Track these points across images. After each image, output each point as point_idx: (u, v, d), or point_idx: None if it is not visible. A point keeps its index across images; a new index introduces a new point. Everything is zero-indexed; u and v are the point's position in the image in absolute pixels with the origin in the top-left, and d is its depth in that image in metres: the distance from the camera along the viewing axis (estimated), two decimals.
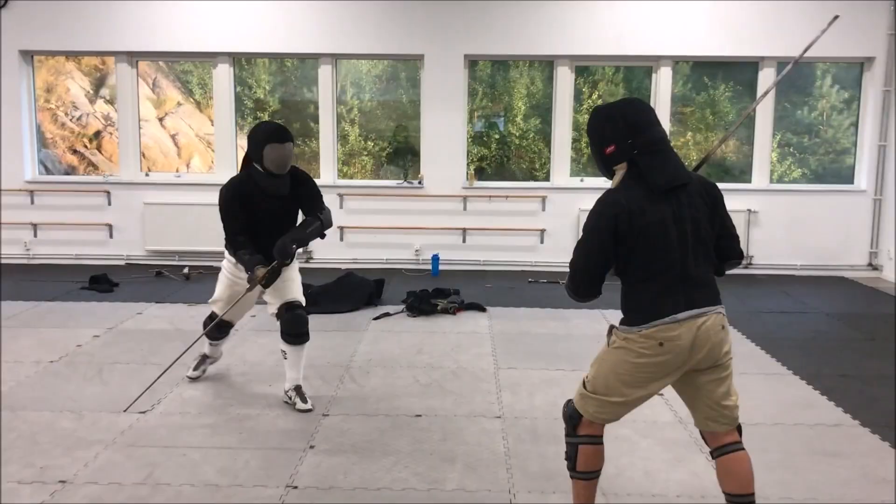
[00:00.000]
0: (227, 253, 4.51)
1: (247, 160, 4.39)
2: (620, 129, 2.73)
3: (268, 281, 4.24)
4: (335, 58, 8.83)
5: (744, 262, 8.65)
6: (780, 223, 8.74)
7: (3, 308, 6.69)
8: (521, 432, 4.09)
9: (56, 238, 8.97)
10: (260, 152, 4.23)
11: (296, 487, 3.44)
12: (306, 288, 6.91)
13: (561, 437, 3.97)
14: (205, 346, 4.88)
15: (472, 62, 8.90)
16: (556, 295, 7.53)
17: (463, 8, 8.54)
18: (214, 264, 8.63)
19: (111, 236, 8.96)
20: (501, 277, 8.41)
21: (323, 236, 4.52)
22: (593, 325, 6.33)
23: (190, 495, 3.35)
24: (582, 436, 2.89)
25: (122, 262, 8.87)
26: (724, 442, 2.81)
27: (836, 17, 3.53)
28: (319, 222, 4.40)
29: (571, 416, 2.91)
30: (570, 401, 2.97)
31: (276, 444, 3.91)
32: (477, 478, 3.55)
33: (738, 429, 2.85)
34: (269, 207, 4.32)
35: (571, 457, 2.92)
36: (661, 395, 4.63)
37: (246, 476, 3.54)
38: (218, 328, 4.71)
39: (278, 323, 4.45)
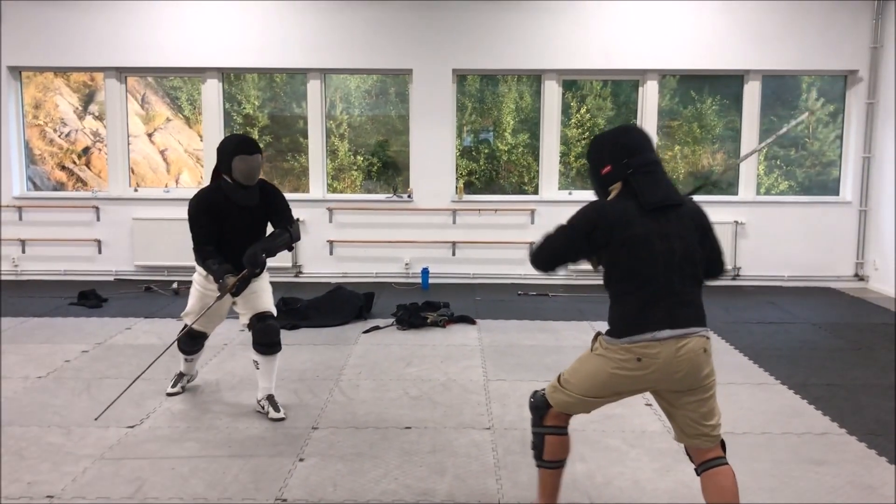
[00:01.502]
0: (197, 265, 4.54)
1: (216, 173, 4.44)
2: (617, 150, 2.86)
3: (238, 290, 4.29)
4: (324, 73, 8.87)
5: (731, 273, 8.75)
6: (767, 235, 8.81)
7: None
8: (510, 443, 4.10)
9: (44, 254, 8.94)
10: (229, 164, 4.29)
11: (285, 500, 3.43)
12: (296, 302, 6.97)
13: None
14: (181, 363, 4.89)
15: (460, 77, 8.96)
16: (546, 307, 7.55)
17: (451, 23, 8.61)
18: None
19: (100, 252, 8.94)
20: (491, 290, 8.43)
21: (291, 248, 4.54)
22: (582, 336, 6.35)
23: None
24: (549, 426, 2.99)
25: (111, 278, 8.85)
26: (707, 457, 2.84)
27: (810, 113, 3.95)
28: (288, 234, 4.44)
29: (539, 407, 3.00)
30: (537, 392, 3.06)
31: (265, 457, 3.90)
32: (467, 489, 3.56)
33: (722, 444, 2.88)
34: (238, 218, 4.37)
35: (538, 446, 3.01)
36: (650, 405, 4.67)
37: (235, 489, 3.53)
38: (191, 340, 4.73)
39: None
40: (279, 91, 9.48)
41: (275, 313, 4.58)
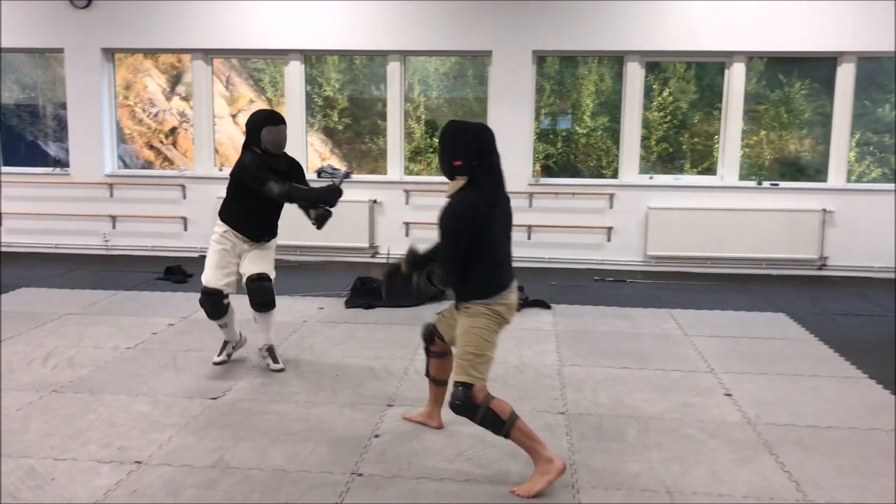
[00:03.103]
0: (221, 219, 4.89)
1: (245, 146, 4.80)
2: (470, 149, 3.41)
3: (321, 223, 4.78)
4: (404, 55, 8.91)
5: (817, 263, 8.45)
6: (858, 224, 8.46)
7: (84, 296, 6.97)
8: (584, 429, 4.07)
9: (133, 230, 9.29)
10: (258, 135, 4.68)
11: (361, 475, 3.49)
12: (372, 282, 7.05)
13: (626, 436, 3.97)
14: (232, 334, 5.13)
15: (540, 58, 8.86)
16: (623, 293, 7.45)
17: (531, 3, 8.51)
18: (284, 257, 8.85)
19: (185, 229, 9.23)
20: (567, 275, 8.36)
21: (329, 209, 4.79)
22: (660, 323, 6.25)
23: (258, 479, 3.44)
24: (481, 400, 3.44)
25: (195, 255, 9.11)
26: (444, 349, 3.92)
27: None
28: (336, 189, 4.75)
29: (465, 397, 3.43)
30: (459, 392, 3.44)
31: (341, 432, 3.98)
32: None
33: None
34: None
35: (492, 422, 3.44)
36: (729, 395, 4.57)
37: (312, 462, 3.62)
38: (209, 299, 4.88)
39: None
40: (359, 73, 9.57)
41: (272, 276, 4.96)
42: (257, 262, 4.91)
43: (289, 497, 3.28)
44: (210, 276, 4.86)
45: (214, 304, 4.91)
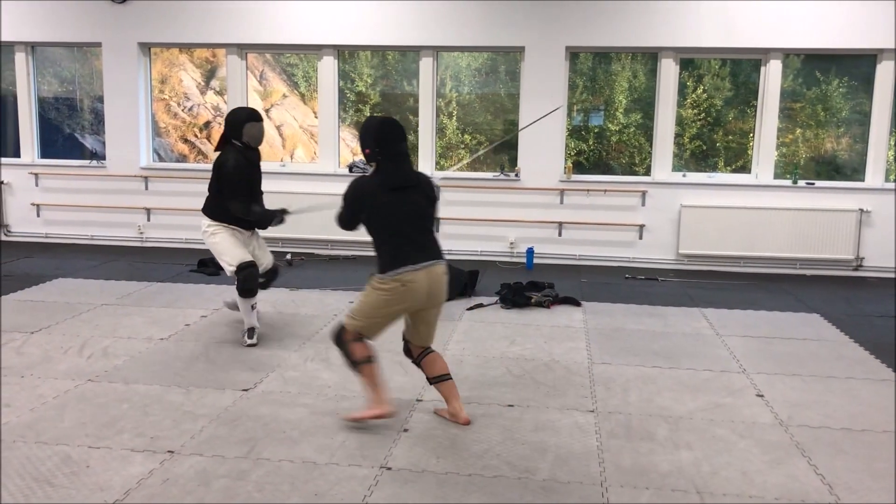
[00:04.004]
0: (208, 218, 5.42)
1: (223, 139, 5.39)
2: (373, 140, 3.90)
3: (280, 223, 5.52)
4: (436, 50, 8.91)
5: (853, 263, 8.32)
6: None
7: (119, 287, 7.08)
8: (614, 427, 4.05)
9: (167, 222, 9.40)
10: (240, 129, 5.30)
11: (389, 469, 3.51)
12: None
13: (656, 435, 3.95)
14: (248, 317, 5.42)
15: (573, 54, 8.82)
16: (654, 292, 7.40)
17: None
18: (316, 251, 8.91)
19: None
20: (597, 272, 8.31)
21: (262, 228, 5.61)
22: (692, 322, 6.19)
23: (289, 471, 3.47)
24: (347, 339, 4.01)
25: None
26: (422, 350, 4.18)
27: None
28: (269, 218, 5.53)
29: (338, 330, 4.06)
30: (335, 327, 4.11)
31: (370, 426, 3.99)
32: (568, 470, 3.54)
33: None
34: (249, 173, 5.39)
35: (347, 356, 4.02)
36: (761, 396, 4.52)
37: (342, 455, 3.64)
38: (251, 274, 5.31)
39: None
40: (391, 69, 9.59)
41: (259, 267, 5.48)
42: (266, 252, 5.66)
43: (318, 489, 3.31)
44: (238, 254, 5.33)
45: (255, 276, 5.33)
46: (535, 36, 8.58)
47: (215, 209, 5.37)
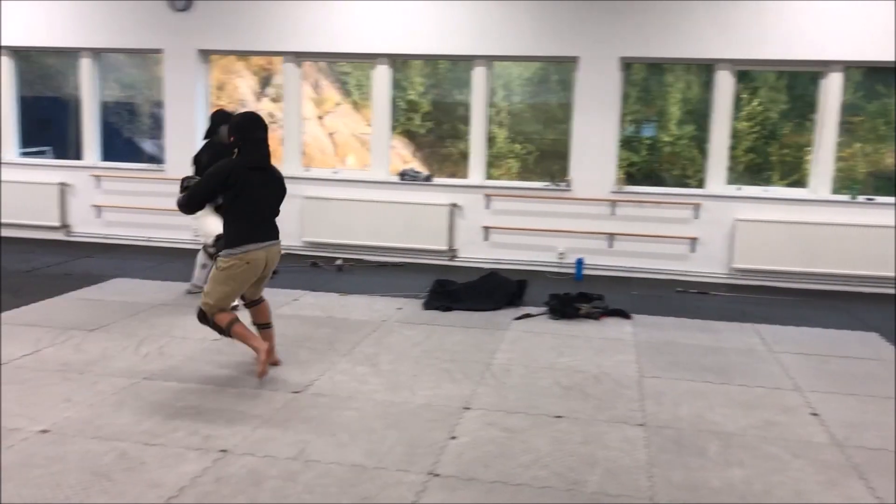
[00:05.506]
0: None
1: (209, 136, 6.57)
2: (236, 129, 4.68)
3: None
4: (490, 60, 8.93)
5: None
6: None
7: (174, 288, 7.24)
8: (664, 442, 4.01)
9: None
10: (217, 130, 6.48)
11: (437, 475, 3.53)
12: (450, 285, 7.10)
13: (707, 451, 3.90)
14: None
15: (626, 65, 8.76)
16: (707, 306, 7.29)
17: (619, 9, 8.42)
18: (366, 257, 8.98)
19: None
20: (648, 285, 8.23)
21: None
22: (744, 338, 6.09)
23: (338, 474, 3.51)
24: (211, 317, 4.72)
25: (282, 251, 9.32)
26: (254, 300, 5.00)
27: None
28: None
29: (200, 317, 4.80)
30: (198, 309, 4.84)
31: (419, 432, 4.02)
32: (617, 484, 3.52)
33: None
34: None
35: (218, 329, 4.77)
36: (817, 415, 4.42)
37: (391, 460, 3.67)
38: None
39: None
40: (442, 78, 9.64)
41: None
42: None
43: (367, 493, 3.34)
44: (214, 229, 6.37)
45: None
46: (589, 46, 8.54)
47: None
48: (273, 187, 4.81)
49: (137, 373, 4.82)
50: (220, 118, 6.56)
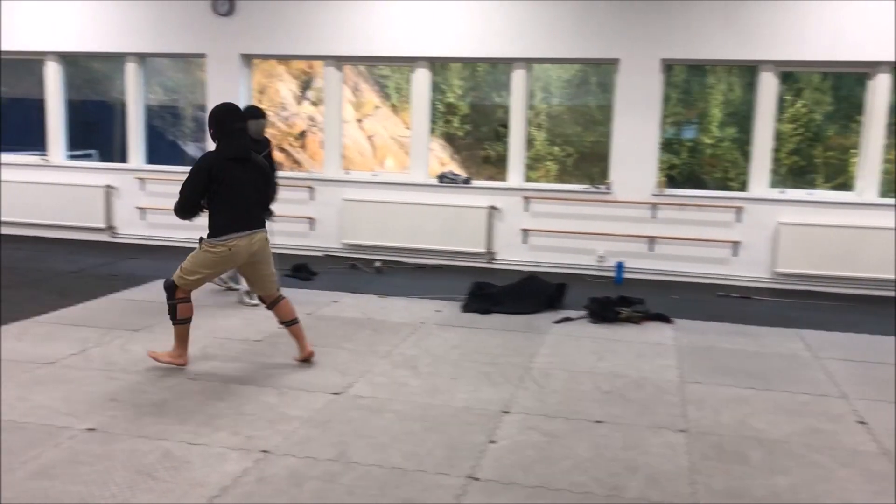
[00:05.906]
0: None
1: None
2: (215, 122, 4.77)
3: None
4: (530, 63, 8.90)
5: None
6: None
7: (216, 290, 7.33)
8: (706, 448, 3.96)
9: None
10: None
11: (477, 479, 3.53)
12: (489, 287, 7.09)
13: (750, 458, 3.84)
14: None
15: (668, 66, 8.67)
16: (749, 310, 7.18)
17: (661, 10, 8.34)
18: (405, 260, 9.01)
19: (312, 228, 9.54)
20: (689, 289, 8.13)
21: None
22: (787, 343, 5.99)
23: (378, 476, 3.53)
24: (178, 298, 4.85)
25: (321, 254, 9.42)
26: (274, 299, 5.13)
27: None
28: None
29: (169, 287, 4.84)
30: (167, 281, 4.86)
31: (458, 434, 4.03)
32: (659, 490, 3.48)
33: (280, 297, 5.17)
34: None
35: (173, 312, 4.86)
36: (865, 423, 4.33)
37: (430, 463, 3.68)
38: None
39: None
40: (480, 81, 9.65)
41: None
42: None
43: (407, 496, 3.35)
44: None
45: None
46: (629, 48, 8.47)
47: None
48: (254, 177, 4.86)
49: (181, 373, 4.89)
50: (246, 113, 6.60)
